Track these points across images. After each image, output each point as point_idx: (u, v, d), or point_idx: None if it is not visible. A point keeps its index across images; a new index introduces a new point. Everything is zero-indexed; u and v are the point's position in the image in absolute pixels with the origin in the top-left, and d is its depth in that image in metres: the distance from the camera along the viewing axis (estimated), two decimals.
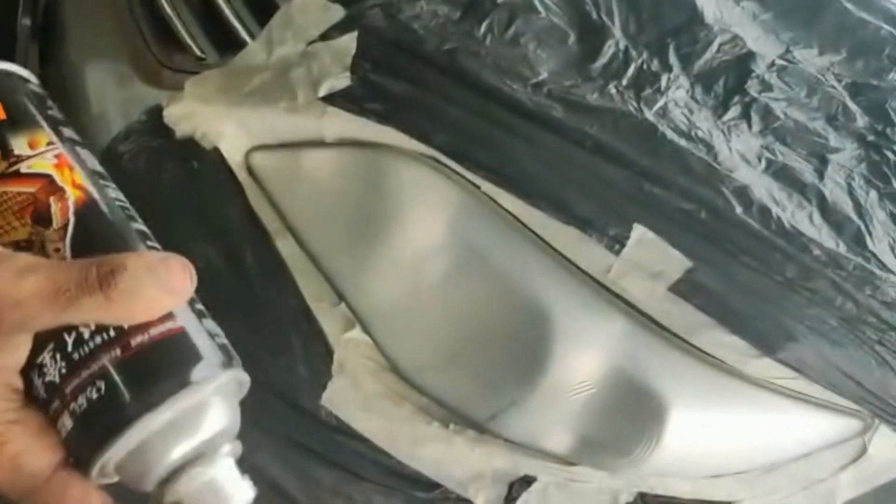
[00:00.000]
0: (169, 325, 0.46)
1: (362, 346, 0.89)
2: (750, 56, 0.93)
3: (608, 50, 0.90)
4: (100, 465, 0.44)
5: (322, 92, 0.89)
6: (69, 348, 0.43)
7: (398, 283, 0.88)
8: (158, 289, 0.45)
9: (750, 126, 0.90)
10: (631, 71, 0.89)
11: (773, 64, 0.94)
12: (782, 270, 0.82)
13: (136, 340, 0.44)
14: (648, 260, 0.81)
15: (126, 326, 0.44)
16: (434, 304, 0.87)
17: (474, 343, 0.85)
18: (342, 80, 0.88)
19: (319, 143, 0.92)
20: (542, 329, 0.82)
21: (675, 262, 0.81)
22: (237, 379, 0.50)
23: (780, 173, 0.87)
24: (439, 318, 0.87)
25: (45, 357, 0.44)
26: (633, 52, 0.90)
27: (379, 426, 0.88)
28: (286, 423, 0.93)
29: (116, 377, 0.44)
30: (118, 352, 0.44)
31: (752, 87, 0.91)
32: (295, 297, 0.90)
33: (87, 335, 0.44)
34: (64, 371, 0.43)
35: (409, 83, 0.87)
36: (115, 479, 0.46)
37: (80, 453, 0.44)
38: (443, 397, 0.87)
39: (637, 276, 0.82)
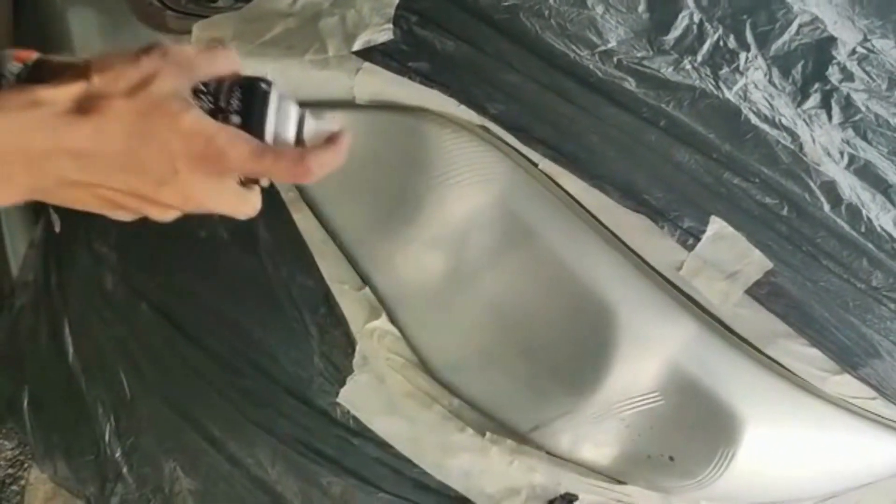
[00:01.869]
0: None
1: (388, 338, 0.78)
2: (831, 41, 0.85)
3: (681, 22, 0.81)
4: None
5: (357, 45, 0.77)
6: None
7: (434, 267, 0.78)
8: None
9: (830, 117, 0.81)
10: (707, 47, 0.80)
11: (853, 51, 0.86)
12: (868, 278, 0.74)
13: None
14: (725, 258, 0.72)
15: None
16: (475, 294, 0.76)
17: (521, 340, 0.75)
18: (382, 33, 0.77)
19: (348, 104, 0.81)
20: (603, 329, 0.72)
21: (755, 263, 0.72)
22: None
23: (863, 171, 0.79)
24: (481, 311, 0.76)
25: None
26: (708, 27, 0.81)
27: (403, 430, 0.77)
28: (293, 420, 0.82)
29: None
30: None
31: (833, 74, 0.83)
32: (313, 279, 0.79)
33: None
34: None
35: (460, 41, 0.76)
36: None
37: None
38: (480, 401, 0.76)
39: (711, 275, 0.72)
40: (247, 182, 0.53)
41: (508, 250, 0.76)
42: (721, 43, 0.81)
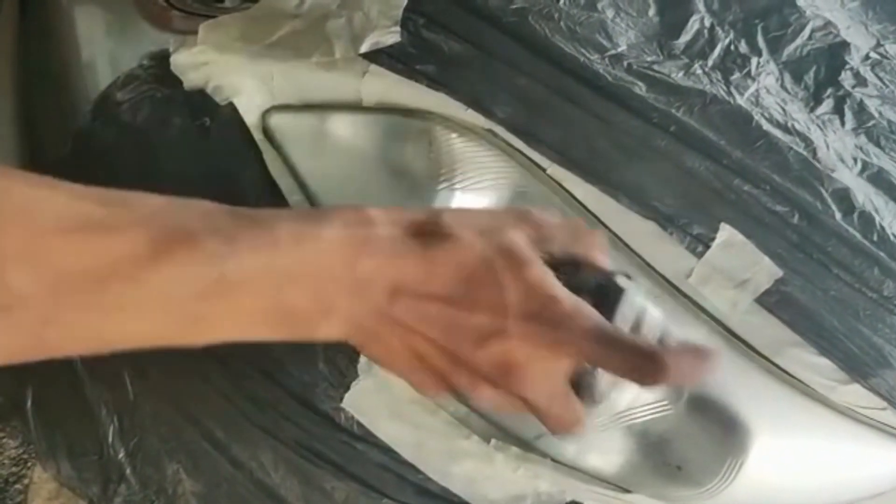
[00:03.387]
0: None
1: None
2: (843, 46, 0.84)
3: (692, 26, 0.80)
4: None
5: (364, 47, 0.77)
6: None
7: None
8: None
9: (843, 123, 0.80)
10: (717, 51, 0.79)
11: (867, 57, 0.85)
12: (880, 287, 0.73)
13: None
14: (735, 265, 0.71)
15: None
16: None
17: None
18: (390, 36, 0.76)
19: (354, 107, 0.80)
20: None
21: (765, 271, 0.71)
22: None
23: (876, 178, 0.78)
24: None
25: None
26: (719, 31, 0.80)
27: (407, 436, 0.77)
28: (296, 424, 0.81)
29: None
30: None
31: (846, 80, 0.82)
32: None
33: None
34: None
35: (468, 44, 0.75)
36: None
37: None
38: (485, 408, 0.76)
39: (720, 282, 0.72)
40: (579, 388, 0.45)
41: None
42: (732, 47, 0.80)
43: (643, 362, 0.41)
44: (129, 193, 0.41)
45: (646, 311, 0.45)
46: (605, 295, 0.44)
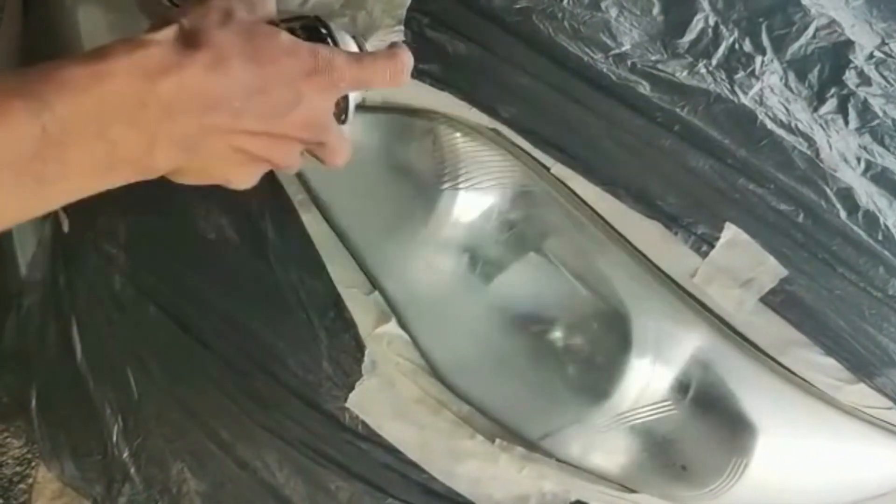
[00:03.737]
0: None
1: (397, 343, 0.77)
2: (848, 44, 0.83)
3: (696, 25, 0.79)
4: None
5: (368, 48, 0.77)
6: None
7: (444, 271, 0.77)
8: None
9: (847, 122, 0.80)
10: (722, 50, 0.79)
11: (871, 55, 0.85)
12: (885, 286, 0.73)
13: None
14: (739, 265, 0.71)
15: None
16: (486, 300, 0.75)
17: (532, 346, 0.74)
18: (394, 35, 0.76)
19: (359, 106, 0.80)
20: (616, 336, 0.71)
21: (770, 270, 0.71)
22: None
23: (879, 177, 0.78)
24: (492, 316, 0.75)
25: None
26: (724, 30, 0.80)
27: (412, 436, 0.77)
28: (301, 424, 0.81)
29: None
30: None
31: (850, 79, 0.82)
32: (322, 282, 0.78)
33: None
34: None
35: (472, 43, 0.75)
36: None
37: None
38: (489, 407, 0.76)
39: (725, 282, 0.71)
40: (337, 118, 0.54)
41: (520, 255, 0.75)
42: (736, 46, 0.79)
43: (389, 63, 0.52)
44: None
45: (342, 31, 0.54)
46: (318, 34, 0.53)
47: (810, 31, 0.83)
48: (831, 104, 0.81)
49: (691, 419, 0.72)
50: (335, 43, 0.53)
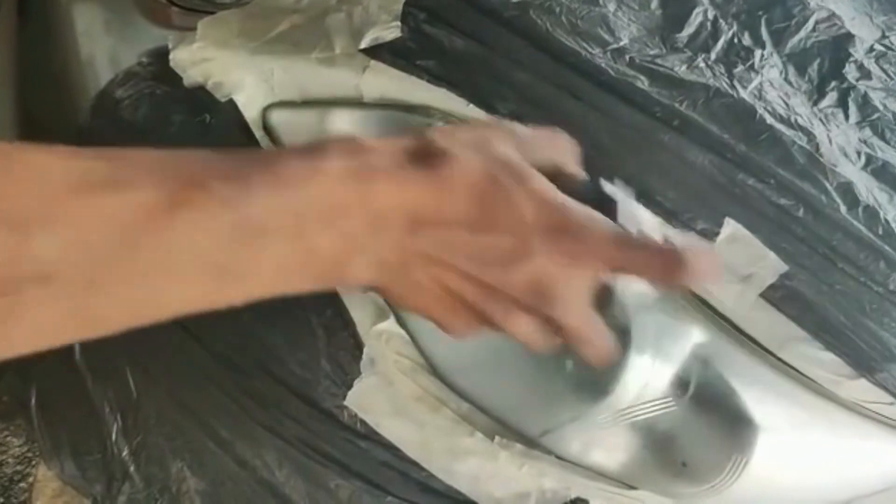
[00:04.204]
0: None
1: (395, 340, 0.77)
2: (848, 38, 0.83)
3: (695, 19, 0.79)
4: None
5: (365, 43, 0.76)
6: None
7: None
8: None
9: (847, 116, 0.80)
10: (721, 44, 0.78)
11: (871, 49, 0.84)
12: (886, 281, 0.72)
13: None
14: (739, 260, 0.71)
15: None
16: None
17: None
18: (390, 31, 0.75)
19: (355, 102, 0.80)
20: (615, 333, 0.71)
21: (770, 265, 0.71)
22: None
23: (880, 171, 0.77)
24: None
25: None
26: (723, 24, 0.79)
27: (411, 434, 0.76)
28: (300, 423, 0.81)
29: None
30: None
31: (850, 72, 0.81)
32: None
33: None
34: None
35: (469, 39, 0.74)
36: None
37: None
38: (488, 405, 0.75)
39: (725, 277, 0.71)
40: (598, 305, 0.44)
41: None
42: (735, 40, 0.79)
43: (666, 260, 0.41)
44: (122, 149, 0.40)
45: (641, 213, 0.44)
46: (601, 200, 0.43)
47: (810, 24, 0.83)
48: (831, 98, 0.80)
49: (691, 415, 0.71)
50: (614, 205, 0.44)
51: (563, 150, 0.47)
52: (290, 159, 0.40)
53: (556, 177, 0.44)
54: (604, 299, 0.44)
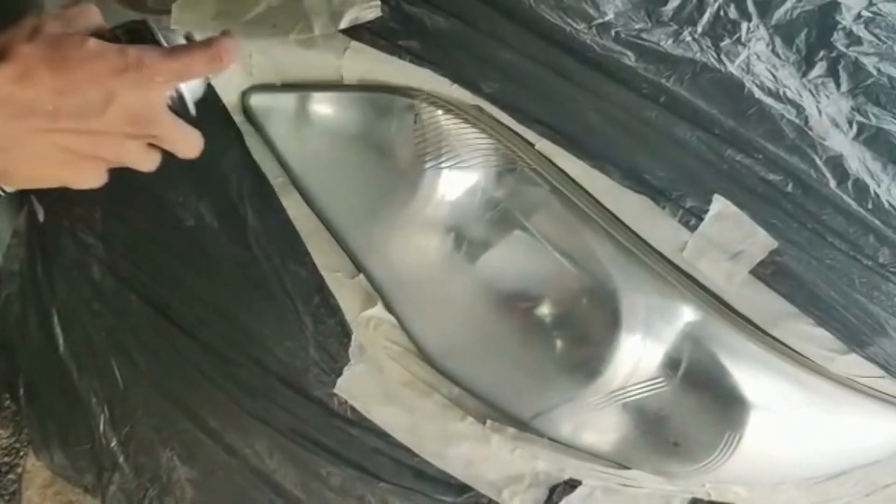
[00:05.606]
0: None
1: (385, 327, 0.76)
2: (834, 6, 0.82)
3: None
4: None
5: (344, 23, 0.74)
6: None
7: (429, 251, 0.75)
8: None
9: (838, 85, 0.78)
10: (706, 17, 0.77)
11: (859, 15, 0.83)
12: (875, 255, 0.72)
13: None
14: (729, 237, 0.70)
15: None
16: (473, 280, 0.74)
17: (520, 325, 0.73)
18: (370, 11, 0.73)
19: (336, 85, 0.78)
20: (605, 314, 0.70)
21: (759, 242, 0.70)
22: None
23: (873, 140, 0.76)
24: (479, 296, 0.74)
25: None
26: None
27: (402, 420, 0.76)
28: (290, 412, 0.80)
29: None
30: None
31: (839, 40, 0.80)
32: (305, 267, 0.77)
33: None
34: None
35: (452, 17, 0.73)
36: None
37: None
38: (479, 389, 0.75)
39: (715, 255, 0.70)
40: (178, 114, 0.56)
41: (505, 232, 0.74)
42: (721, 13, 0.77)
43: (202, 54, 0.55)
44: None
45: (172, 32, 0.58)
46: (142, 37, 0.55)
47: None
48: (821, 68, 0.79)
49: (683, 395, 0.71)
50: (160, 43, 0.56)
51: (89, 14, 0.56)
52: None
53: (100, 32, 0.55)
54: (178, 104, 0.57)
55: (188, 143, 0.57)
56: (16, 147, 0.51)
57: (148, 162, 0.56)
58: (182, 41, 0.59)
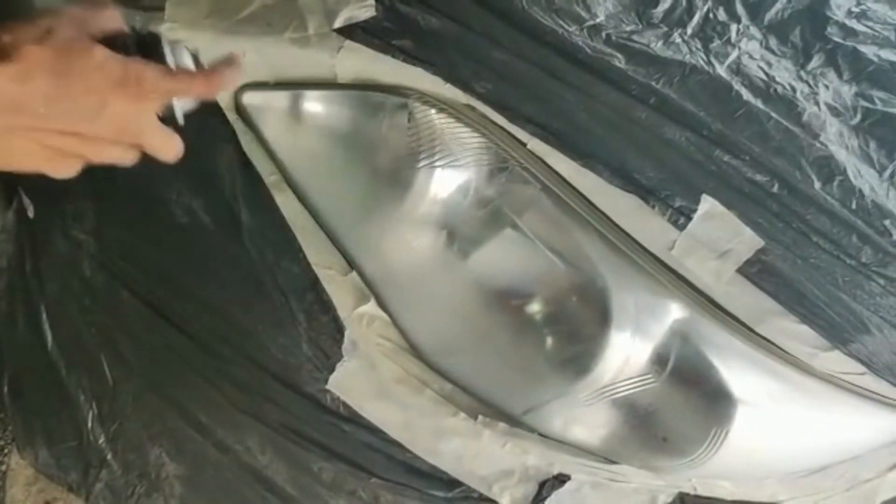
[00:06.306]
0: None
1: (377, 323, 0.77)
2: (823, 2, 0.83)
3: None
4: None
5: (338, 22, 0.75)
6: None
7: (422, 249, 0.76)
8: None
9: (840, 74, 0.79)
10: (696, 19, 0.78)
11: (850, 11, 0.84)
12: (858, 254, 0.74)
13: None
14: (717, 236, 0.71)
15: None
16: (465, 277, 0.75)
17: (512, 322, 0.74)
18: (364, 10, 0.74)
19: (329, 84, 0.79)
20: (595, 311, 0.71)
21: (746, 241, 0.72)
22: None
23: (879, 125, 0.77)
24: (470, 293, 0.75)
25: None
26: None
27: (394, 416, 0.77)
28: (282, 407, 0.80)
29: None
30: None
31: (834, 33, 0.81)
32: (298, 264, 0.77)
33: None
34: None
35: (445, 18, 0.73)
36: None
37: None
38: (471, 385, 0.76)
39: (703, 254, 0.72)
40: (165, 121, 0.58)
41: (497, 230, 0.75)
42: (711, 15, 0.79)
43: (205, 79, 0.58)
44: None
45: (182, 47, 0.59)
46: (147, 46, 0.57)
47: None
48: (819, 59, 0.79)
49: (671, 391, 0.72)
50: (165, 57, 0.58)
51: (109, 18, 0.58)
52: None
53: (112, 39, 0.56)
54: (167, 114, 0.58)
55: (170, 150, 0.59)
56: (7, 143, 0.53)
57: (127, 160, 0.58)
58: (188, 58, 0.60)
